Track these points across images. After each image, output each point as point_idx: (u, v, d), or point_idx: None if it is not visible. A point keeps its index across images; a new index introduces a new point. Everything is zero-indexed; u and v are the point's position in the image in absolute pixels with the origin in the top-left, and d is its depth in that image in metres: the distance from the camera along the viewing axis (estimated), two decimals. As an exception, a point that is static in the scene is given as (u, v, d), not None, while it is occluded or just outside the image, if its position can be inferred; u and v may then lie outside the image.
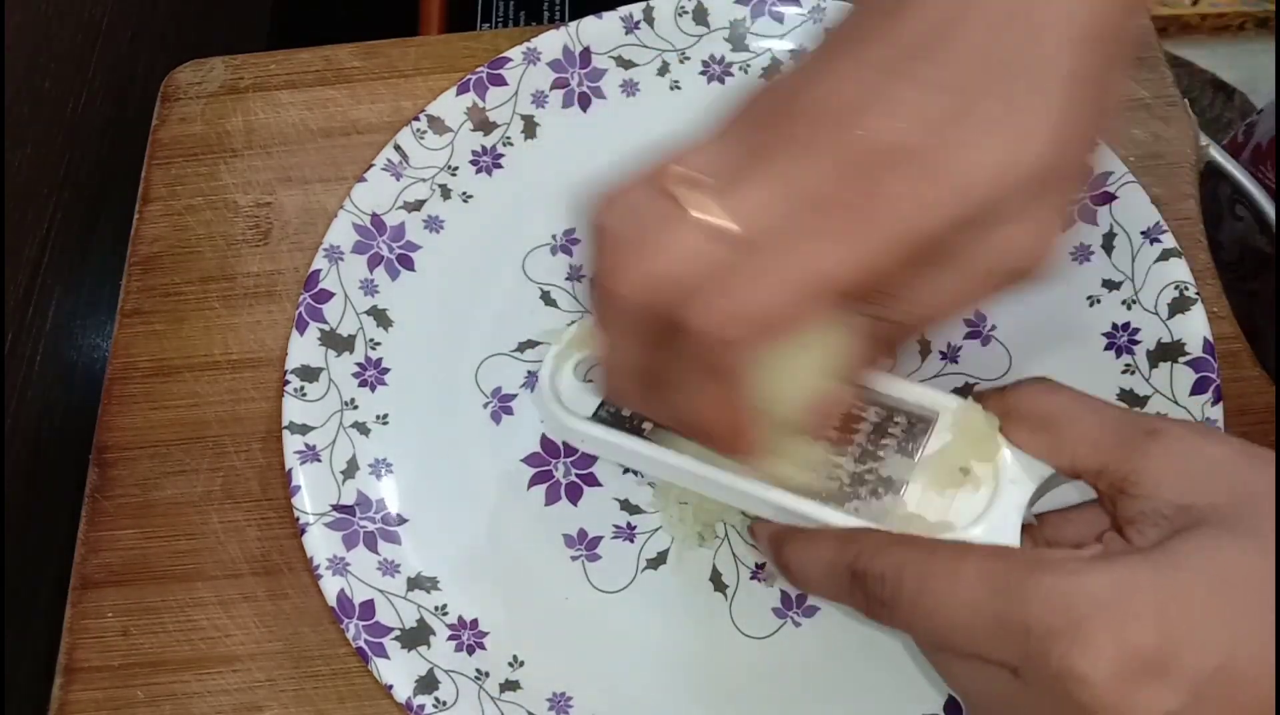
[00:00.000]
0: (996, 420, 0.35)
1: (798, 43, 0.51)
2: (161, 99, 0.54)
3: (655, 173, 0.31)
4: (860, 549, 0.32)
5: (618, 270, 0.31)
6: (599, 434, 0.38)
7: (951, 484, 0.35)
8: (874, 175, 0.29)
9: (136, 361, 0.48)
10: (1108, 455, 0.33)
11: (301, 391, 0.45)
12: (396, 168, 0.49)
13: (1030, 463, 0.35)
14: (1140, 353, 0.44)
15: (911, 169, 0.29)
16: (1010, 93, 0.29)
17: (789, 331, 0.31)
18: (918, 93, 0.30)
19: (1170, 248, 0.44)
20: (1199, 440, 0.32)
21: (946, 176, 0.30)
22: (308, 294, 0.46)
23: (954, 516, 0.35)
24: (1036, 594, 0.29)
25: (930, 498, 0.35)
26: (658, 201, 0.31)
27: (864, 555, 0.32)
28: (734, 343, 0.30)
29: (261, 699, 0.42)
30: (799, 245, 0.30)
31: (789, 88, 0.32)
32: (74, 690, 0.43)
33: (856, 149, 0.30)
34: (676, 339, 0.31)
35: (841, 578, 0.33)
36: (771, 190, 0.30)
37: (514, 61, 0.50)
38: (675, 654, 0.41)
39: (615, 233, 0.31)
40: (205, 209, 0.51)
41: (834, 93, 0.30)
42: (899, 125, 0.30)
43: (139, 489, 0.46)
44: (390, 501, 0.44)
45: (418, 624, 0.41)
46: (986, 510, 0.35)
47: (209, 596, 0.44)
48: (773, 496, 0.36)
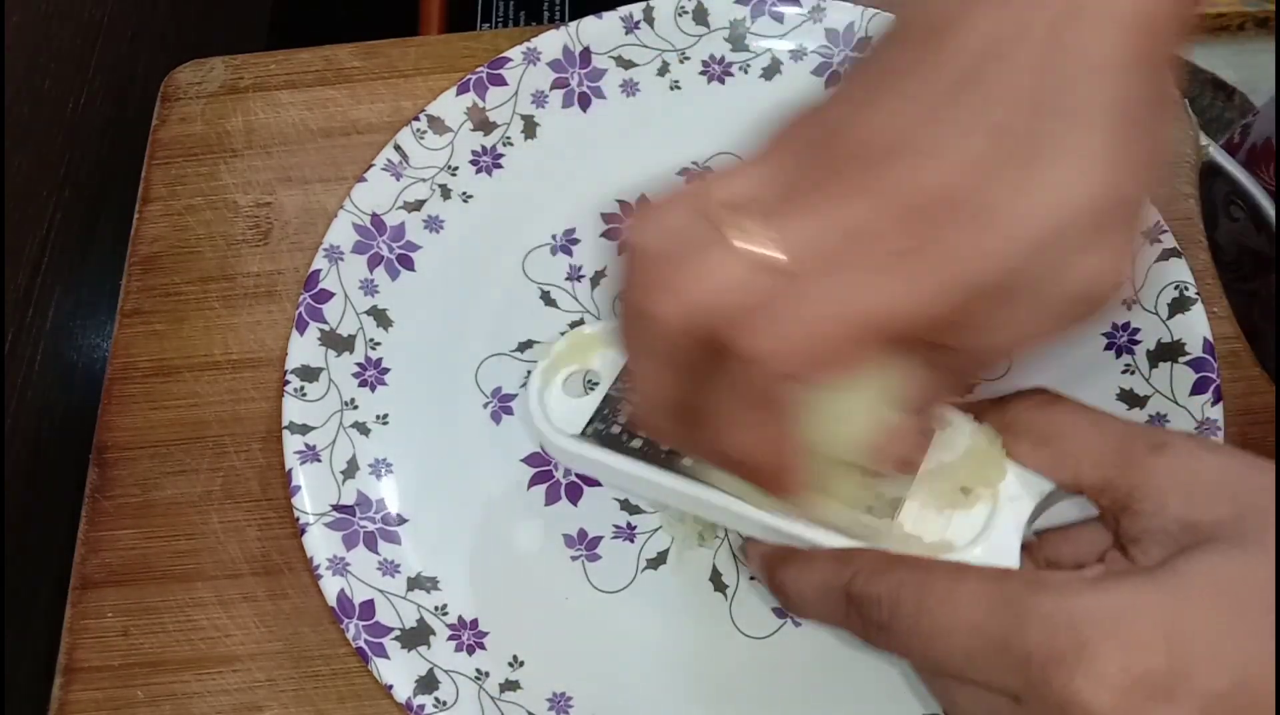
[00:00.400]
0: (999, 438, 0.34)
1: (798, 43, 0.51)
2: (161, 99, 0.54)
3: (697, 194, 0.30)
4: (856, 571, 0.32)
5: (656, 291, 0.29)
6: (587, 452, 0.37)
7: (951, 504, 0.34)
8: (926, 220, 0.28)
9: (136, 361, 0.48)
10: (1111, 471, 0.32)
11: (301, 391, 0.45)
12: (396, 168, 0.49)
13: (1030, 478, 0.34)
14: (1140, 353, 0.44)
15: (963, 215, 0.28)
16: (1059, 129, 0.28)
17: (845, 367, 0.29)
18: (963, 133, 0.28)
19: (1170, 248, 0.44)
20: (1204, 454, 0.31)
21: (1000, 222, 0.28)
22: (308, 294, 0.46)
23: (952, 535, 0.34)
24: (1037, 618, 0.28)
25: (928, 516, 0.34)
26: (699, 224, 0.29)
27: (859, 578, 0.32)
28: (788, 373, 0.29)
29: (261, 699, 0.42)
30: (854, 281, 0.28)
31: (833, 121, 0.30)
32: (74, 690, 0.43)
33: (905, 193, 0.28)
34: (721, 368, 0.29)
35: (837, 601, 0.32)
36: (821, 226, 0.29)
37: (514, 61, 0.50)
38: (675, 654, 0.41)
39: (654, 253, 0.30)
40: (205, 209, 0.51)
41: (880, 131, 0.29)
42: (947, 169, 0.28)
43: (139, 489, 0.46)
44: (390, 501, 0.44)
45: (418, 624, 0.41)
46: (986, 528, 0.34)
47: (209, 596, 0.44)
48: (765, 519, 0.35)
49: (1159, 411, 0.42)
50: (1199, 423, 0.41)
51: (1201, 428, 0.41)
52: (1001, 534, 0.34)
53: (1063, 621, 0.28)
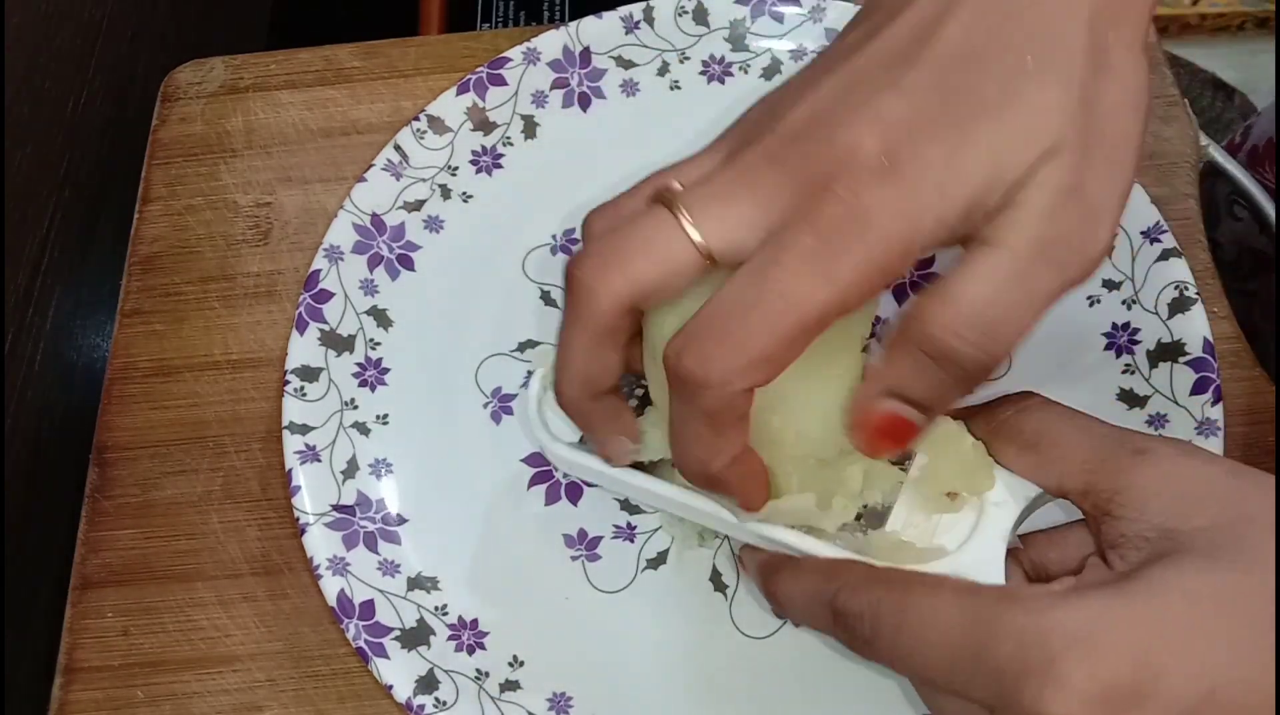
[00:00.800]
0: (983, 447, 0.34)
1: (798, 42, 0.51)
2: (161, 99, 0.54)
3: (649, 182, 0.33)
4: (840, 585, 0.32)
5: (594, 266, 0.32)
6: (585, 461, 0.37)
7: (939, 509, 0.35)
8: (853, 190, 0.29)
9: (136, 361, 0.48)
10: (1093, 475, 0.32)
11: (301, 391, 0.45)
12: (396, 168, 0.49)
13: (1016, 483, 0.34)
14: (1140, 353, 0.44)
15: (889, 180, 0.29)
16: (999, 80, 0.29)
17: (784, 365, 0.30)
18: (899, 99, 0.29)
19: (1170, 247, 0.44)
20: (1187, 461, 0.31)
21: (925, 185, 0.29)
22: (308, 294, 0.46)
23: (938, 539, 0.34)
24: (1008, 633, 0.28)
25: (916, 520, 0.35)
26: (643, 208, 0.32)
27: (843, 593, 0.32)
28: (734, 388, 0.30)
29: (261, 699, 0.42)
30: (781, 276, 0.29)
31: (776, 101, 0.32)
32: (74, 690, 0.43)
33: (833, 165, 0.29)
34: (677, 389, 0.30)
35: (824, 613, 0.33)
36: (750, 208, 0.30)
37: (514, 61, 0.50)
38: (675, 654, 0.41)
39: (598, 232, 0.34)
40: (205, 209, 0.51)
41: (814, 107, 0.30)
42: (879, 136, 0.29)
43: (139, 489, 0.46)
44: (390, 501, 0.44)
45: (418, 624, 0.41)
46: (972, 533, 0.34)
47: (209, 596, 0.44)
48: (759, 527, 0.35)
49: (1159, 411, 0.42)
50: (1199, 423, 0.41)
51: (1201, 428, 0.41)
52: (987, 540, 0.34)
53: (1032, 637, 0.28)
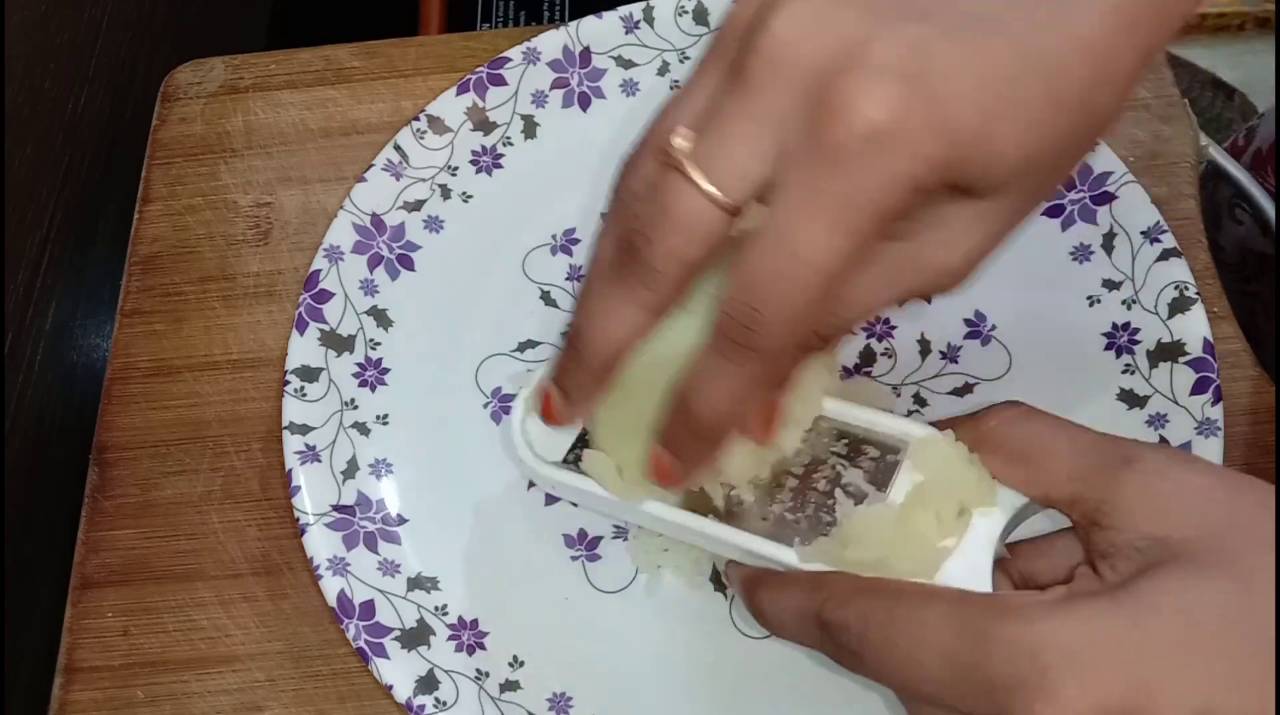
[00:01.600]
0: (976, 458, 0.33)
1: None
2: (161, 99, 0.54)
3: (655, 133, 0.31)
4: (827, 597, 0.32)
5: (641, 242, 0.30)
6: (569, 480, 0.37)
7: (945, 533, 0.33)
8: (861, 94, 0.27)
9: (136, 361, 0.48)
10: (1081, 484, 0.31)
11: (301, 391, 0.45)
12: (396, 168, 0.49)
13: (1003, 493, 0.33)
14: (1140, 353, 0.44)
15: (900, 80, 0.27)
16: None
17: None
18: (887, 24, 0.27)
19: (1170, 247, 0.44)
20: (1176, 469, 0.31)
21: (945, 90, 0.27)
22: (308, 294, 0.46)
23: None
24: (1000, 645, 0.28)
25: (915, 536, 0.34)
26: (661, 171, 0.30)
27: (830, 604, 0.31)
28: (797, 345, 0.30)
29: (261, 699, 0.42)
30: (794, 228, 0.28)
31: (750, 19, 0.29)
32: (74, 690, 0.43)
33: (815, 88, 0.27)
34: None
35: (811, 626, 0.32)
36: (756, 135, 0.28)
37: (514, 61, 0.50)
38: (675, 654, 0.41)
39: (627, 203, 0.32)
40: (205, 209, 0.51)
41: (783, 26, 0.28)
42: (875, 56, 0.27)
43: (139, 489, 0.46)
44: (390, 502, 0.44)
45: (418, 624, 0.41)
46: (959, 544, 0.33)
47: (209, 596, 0.44)
48: (742, 541, 0.35)
49: (1159, 412, 0.42)
50: (1199, 423, 0.41)
51: (1201, 428, 0.41)
52: (974, 551, 0.33)
53: (1024, 649, 0.28)
